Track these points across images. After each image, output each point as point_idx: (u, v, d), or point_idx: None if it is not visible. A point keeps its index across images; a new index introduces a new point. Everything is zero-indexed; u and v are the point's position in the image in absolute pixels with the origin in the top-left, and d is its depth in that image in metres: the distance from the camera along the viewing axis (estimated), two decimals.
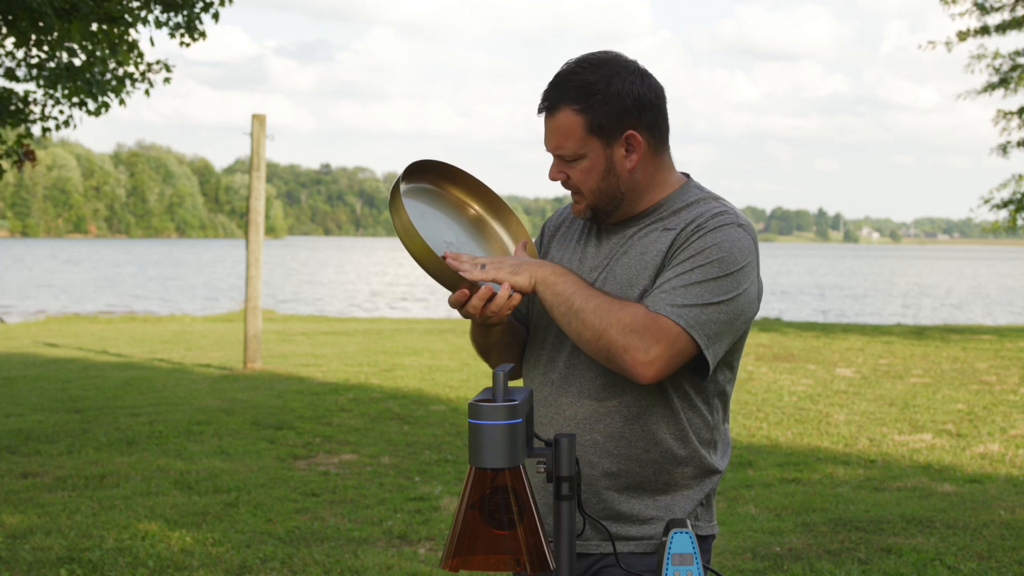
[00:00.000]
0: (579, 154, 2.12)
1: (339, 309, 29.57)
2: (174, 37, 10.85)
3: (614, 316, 2.02)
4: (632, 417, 2.13)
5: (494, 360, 2.33)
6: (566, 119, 2.10)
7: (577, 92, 2.09)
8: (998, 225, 22.39)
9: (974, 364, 13.42)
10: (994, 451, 7.87)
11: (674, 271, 2.07)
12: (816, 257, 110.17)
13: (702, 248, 2.07)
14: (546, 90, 2.15)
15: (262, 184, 12.88)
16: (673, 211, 2.18)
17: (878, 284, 51.32)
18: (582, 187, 2.15)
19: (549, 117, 2.13)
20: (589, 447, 2.15)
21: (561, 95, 2.11)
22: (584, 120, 2.10)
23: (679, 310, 2.02)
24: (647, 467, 2.15)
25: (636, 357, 2.00)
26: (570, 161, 2.14)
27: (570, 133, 2.11)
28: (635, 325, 2.00)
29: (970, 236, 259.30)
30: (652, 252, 2.14)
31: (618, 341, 2.01)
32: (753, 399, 10.20)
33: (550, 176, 2.18)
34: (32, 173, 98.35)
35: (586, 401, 2.15)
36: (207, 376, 11.87)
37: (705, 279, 2.05)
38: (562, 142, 2.12)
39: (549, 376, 2.21)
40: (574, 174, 2.14)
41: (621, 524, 2.16)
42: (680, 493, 2.18)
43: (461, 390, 10.73)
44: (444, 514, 6.03)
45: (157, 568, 4.97)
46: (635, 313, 2.02)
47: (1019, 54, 20.80)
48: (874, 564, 5.11)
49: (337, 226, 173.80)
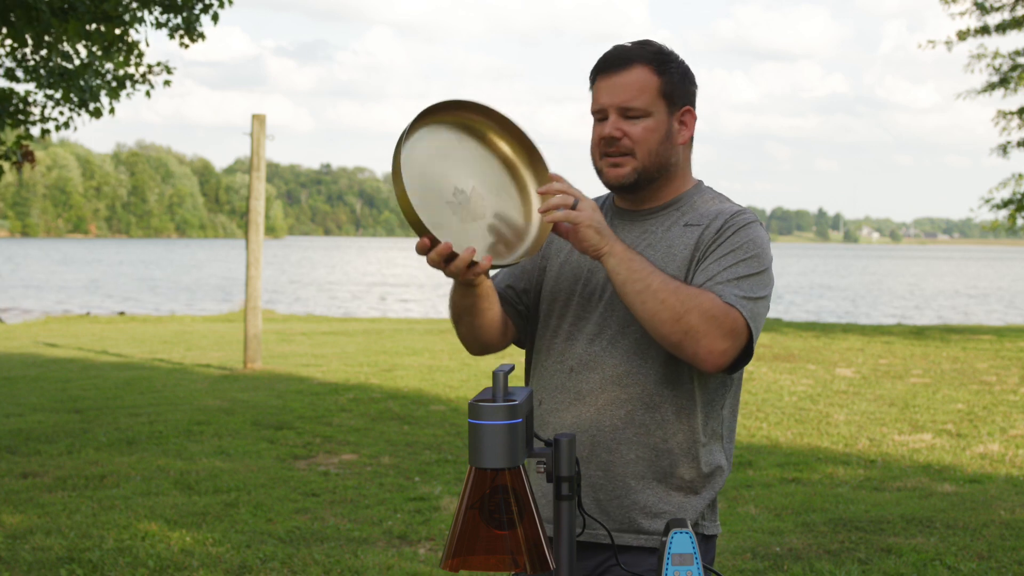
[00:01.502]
0: (647, 111, 2.16)
1: (326, 309, 29.55)
2: (173, 38, 10.85)
3: (694, 300, 2.04)
4: (653, 405, 2.16)
5: (464, 326, 2.29)
6: (642, 75, 2.16)
7: (654, 55, 2.18)
8: (998, 224, 22.39)
9: (974, 364, 13.42)
10: (994, 451, 7.87)
11: (719, 263, 2.12)
12: (815, 257, 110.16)
13: (740, 243, 2.13)
14: (611, 52, 2.19)
15: (262, 184, 12.88)
16: (692, 207, 2.24)
17: (878, 284, 51.31)
18: (639, 146, 2.17)
19: (618, 73, 2.17)
20: (608, 432, 2.17)
21: (637, 55, 2.18)
22: (659, 81, 2.17)
23: (743, 302, 2.08)
24: (663, 456, 2.17)
25: (713, 345, 2.04)
26: (634, 118, 2.16)
27: (644, 89, 2.16)
28: (715, 312, 2.04)
29: (970, 236, 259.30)
30: (679, 246, 2.18)
31: (698, 326, 2.03)
32: (753, 399, 10.20)
33: (605, 131, 2.17)
34: (32, 173, 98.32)
35: (608, 387, 2.17)
36: (207, 376, 11.87)
37: (751, 273, 2.12)
38: (635, 95, 2.16)
39: (567, 363, 2.22)
40: (635, 131, 2.17)
41: (635, 514, 2.17)
42: (692, 490, 2.20)
43: (461, 390, 10.73)
44: (444, 514, 6.03)
45: (157, 568, 4.97)
46: (713, 300, 2.05)
47: (1019, 54, 20.79)
48: (874, 564, 5.10)
49: (337, 226, 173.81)
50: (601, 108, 2.19)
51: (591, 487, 2.18)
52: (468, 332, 2.29)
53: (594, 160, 2.24)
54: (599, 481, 2.18)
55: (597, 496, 2.18)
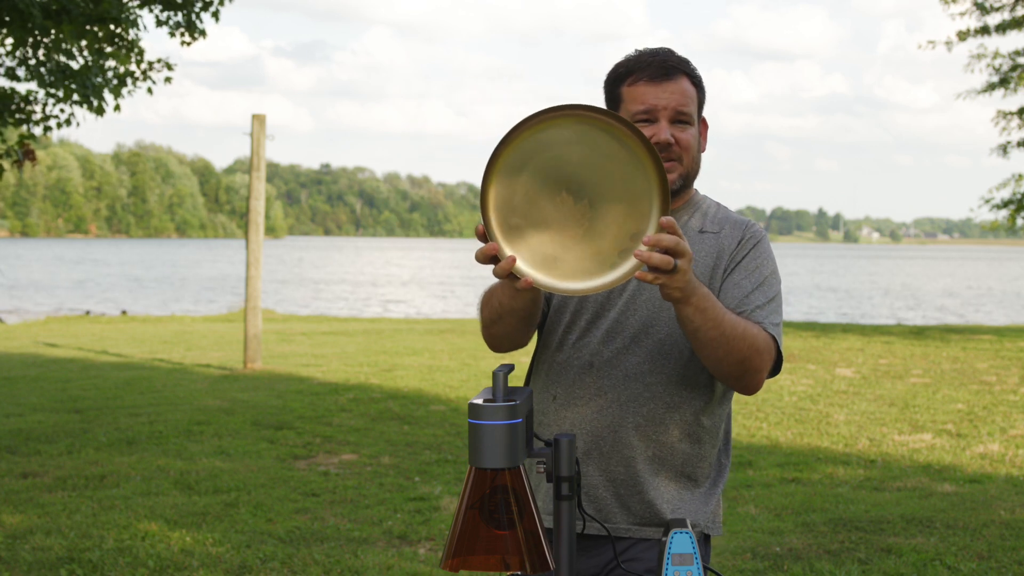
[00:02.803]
0: (693, 120, 2.23)
1: (326, 309, 29.56)
2: (174, 36, 10.85)
3: (752, 340, 2.10)
4: (674, 405, 2.22)
5: (503, 326, 2.16)
6: (687, 86, 2.22)
7: (690, 68, 2.24)
8: (997, 224, 22.39)
9: (974, 364, 13.42)
10: (994, 451, 7.87)
11: (750, 279, 2.21)
12: (814, 258, 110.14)
13: (762, 258, 2.25)
14: (657, 58, 2.22)
15: (262, 184, 12.88)
16: (700, 212, 2.30)
17: (873, 284, 51.31)
18: (687, 152, 2.22)
19: (668, 80, 2.20)
20: (631, 429, 2.21)
21: (679, 65, 2.23)
22: (697, 94, 2.25)
23: (775, 328, 2.18)
24: (678, 456, 2.23)
25: (761, 376, 2.15)
26: (684, 124, 2.21)
27: (691, 99, 2.23)
28: (761, 346, 2.13)
29: (970, 236, 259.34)
30: (700, 252, 2.24)
31: (755, 362, 2.12)
32: (753, 399, 10.19)
33: (661, 136, 2.18)
34: (32, 173, 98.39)
35: (632, 384, 2.21)
36: (207, 376, 11.87)
37: (775, 294, 2.23)
38: (687, 104, 2.21)
39: (584, 358, 2.25)
40: (684, 137, 2.21)
41: (655, 508, 2.22)
42: (705, 487, 2.28)
43: (461, 390, 10.73)
44: (444, 514, 6.03)
45: (157, 568, 4.97)
46: (760, 335, 2.14)
47: (1019, 54, 20.80)
48: (874, 564, 5.10)
49: (337, 226, 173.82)
50: (650, 109, 2.19)
51: (611, 482, 2.22)
52: (504, 332, 2.18)
53: None
54: (620, 476, 2.22)
55: (618, 491, 2.22)
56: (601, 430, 2.21)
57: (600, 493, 2.21)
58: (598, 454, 2.21)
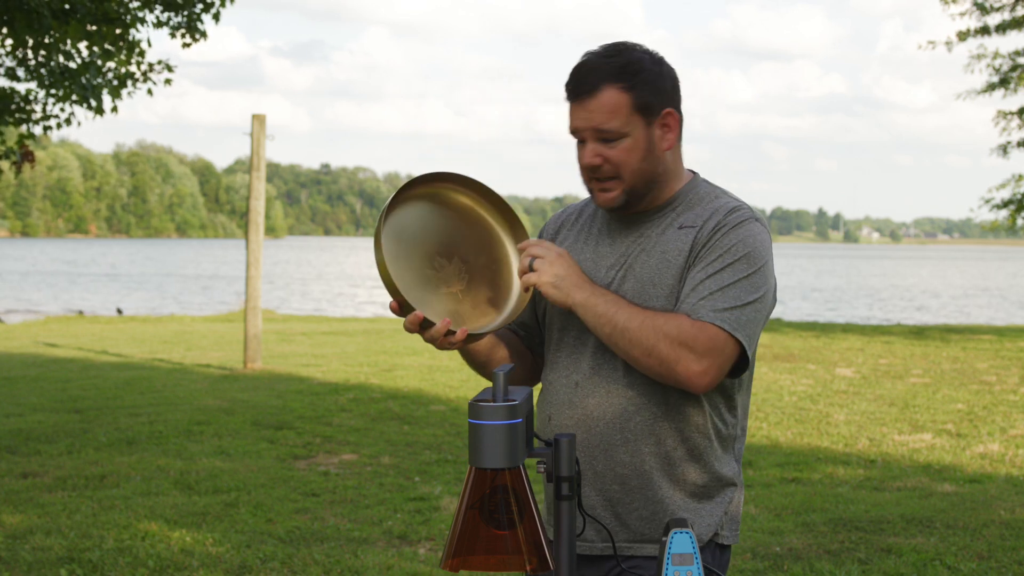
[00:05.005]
0: (623, 132, 2.11)
1: (326, 309, 29.56)
2: (175, 37, 10.85)
3: (660, 331, 2.04)
4: (662, 415, 2.14)
5: (484, 374, 2.34)
6: (611, 97, 2.10)
7: (621, 71, 2.11)
8: (997, 224, 22.39)
9: (974, 364, 13.42)
10: (994, 451, 7.87)
11: (704, 271, 2.09)
12: (813, 258, 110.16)
13: (729, 246, 2.10)
14: (578, 74, 2.13)
15: (262, 184, 12.88)
16: (687, 206, 2.20)
17: (868, 283, 51.32)
18: (623, 168, 2.13)
19: (588, 98, 2.11)
20: (620, 445, 2.14)
21: (603, 75, 2.11)
22: (630, 98, 2.11)
23: (722, 315, 2.05)
24: (674, 466, 2.14)
25: (689, 368, 2.04)
26: (611, 141, 2.12)
27: (616, 111, 2.10)
28: (683, 336, 2.03)
29: (970, 236, 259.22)
30: (673, 251, 2.14)
31: (669, 355, 2.04)
32: (753, 399, 10.20)
33: (585, 160, 2.14)
34: (32, 173, 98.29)
35: (616, 399, 2.15)
36: (207, 376, 11.87)
37: (737, 278, 2.08)
38: (607, 120, 2.10)
39: (572, 377, 2.20)
40: (615, 154, 2.12)
41: (656, 524, 2.15)
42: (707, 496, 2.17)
43: (461, 390, 10.74)
44: (444, 514, 6.03)
45: (157, 568, 4.97)
46: (680, 324, 2.04)
47: (1019, 54, 20.79)
48: (874, 564, 5.11)
49: (337, 226, 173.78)
50: (575, 131, 2.16)
51: (608, 501, 2.15)
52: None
53: (584, 181, 2.21)
54: (616, 495, 2.15)
55: (616, 510, 2.15)
56: (592, 449, 2.15)
57: (599, 513, 2.15)
58: (592, 474, 2.14)
